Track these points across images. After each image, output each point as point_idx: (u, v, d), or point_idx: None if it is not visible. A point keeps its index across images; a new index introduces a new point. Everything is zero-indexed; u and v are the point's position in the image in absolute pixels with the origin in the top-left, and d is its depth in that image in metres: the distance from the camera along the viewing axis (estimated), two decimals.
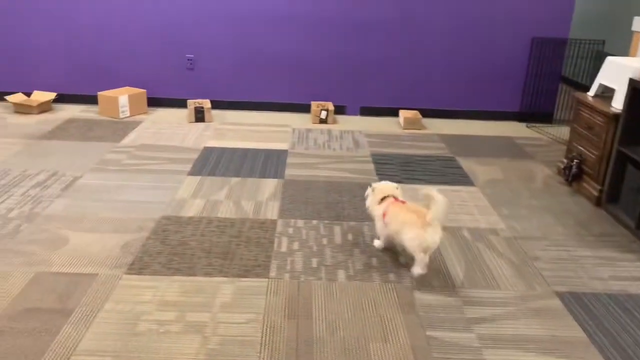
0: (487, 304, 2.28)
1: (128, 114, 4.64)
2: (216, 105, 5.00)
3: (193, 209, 2.98)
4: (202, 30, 4.78)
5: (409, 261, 2.48)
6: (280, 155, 3.90)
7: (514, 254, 2.69)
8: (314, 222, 2.91)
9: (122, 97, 4.55)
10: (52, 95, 4.73)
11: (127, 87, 4.86)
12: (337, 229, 2.84)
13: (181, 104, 4.98)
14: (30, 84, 4.87)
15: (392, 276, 2.44)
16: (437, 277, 2.46)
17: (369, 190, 2.70)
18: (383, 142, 4.29)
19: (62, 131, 4.18)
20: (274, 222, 2.89)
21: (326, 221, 2.93)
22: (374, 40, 4.83)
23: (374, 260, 2.56)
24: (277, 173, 3.56)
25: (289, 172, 3.59)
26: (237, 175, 3.49)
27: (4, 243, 2.54)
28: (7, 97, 4.64)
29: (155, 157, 3.73)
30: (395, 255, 2.61)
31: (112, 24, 4.73)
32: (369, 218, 2.96)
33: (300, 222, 2.89)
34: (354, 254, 2.61)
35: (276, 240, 2.70)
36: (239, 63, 4.89)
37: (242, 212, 2.99)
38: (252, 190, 3.28)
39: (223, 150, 3.94)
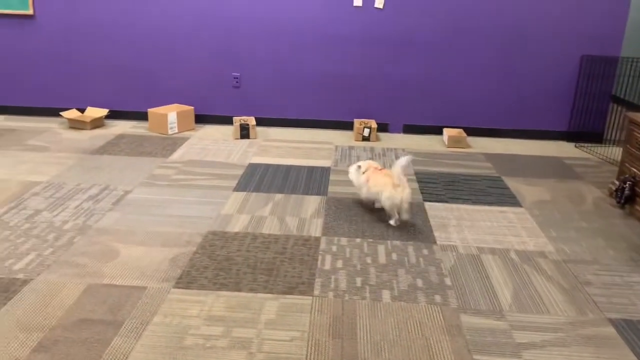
0: (537, 329, 2.22)
1: (176, 130, 4.77)
2: (260, 122, 5.08)
3: (239, 225, 3.03)
4: (248, 49, 4.88)
5: (391, 214, 3.12)
6: (323, 172, 3.93)
7: (563, 278, 2.61)
8: (358, 240, 2.91)
9: (171, 114, 4.69)
10: (104, 112, 4.91)
11: (176, 104, 5.01)
12: (381, 248, 2.83)
13: (227, 120, 5.09)
14: (84, 101, 5.08)
15: (438, 298, 2.41)
16: (484, 299, 2.41)
17: (353, 167, 3.34)
18: (427, 161, 4.26)
19: (113, 146, 4.33)
20: (317, 239, 2.90)
21: (370, 240, 2.92)
22: (418, 57, 4.82)
23: (419, 281, 2.53)
24: (320, 190, 3.58)
25: (332, 189, 3.61)
26: (281, 192, 3.53)
27: (59, 254, 2.63)
28: (62, 113, 4.85)
29: (202, 173, 3.82)
30: (439, 277, 2.58)
31: (161, 44, 4.90)
32: (413, 238, 2.95)
33: (343, 240, 2.90)
34: (399, 274, 2.59)
35: (320, 257, 2.71)
36: (283, 81, 4.97)
37: (286, 228, 3.01)
38: (296, 206, 3.31)
39: (267, 166, 4.00)
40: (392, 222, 3.13)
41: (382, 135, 4.95)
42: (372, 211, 3.27)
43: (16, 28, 4.89)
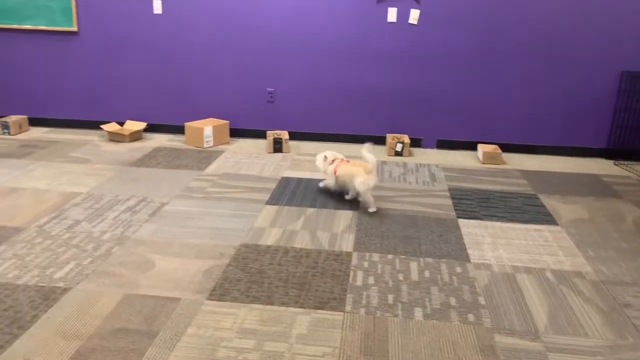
0: (573, 352, 2.16)
1: (212, 144, 4.86)
2: (293, 136, 5.13)
3: (271, 238, 3.06)
4: (282, 64, 4.96)
5: (353, 197, 3.67)
6: None
7: (602, 300, 2.54)
8: (390, 256, 2.90)
9: (207, 128, 4.78)
10: (142, 125, 5.05)
11: (212, 119, 5.11)
12: (413, 265, 2.81)
13: (261, 135, 5.16)
14: (124, 114, 5.23)
15: (471, 317, 2.37)
16: (519, 320, 2.36)
17: (320, 157, 3.78)
18: (461, 177, 4.22)
19: (151, 159, 4.43)
20: (349, 254, 2.90)
21: (402, 256, 2.90)
22: (452, 72, 4.81)
23: (453, 300, 2.50)
24: (352, 205, 3.59)
25: (364, 204, 3.60)
26: (312, 206, 3.55)
27: (97, 264, 2.71)
28: (103, 126, 5.00)
29: (236, 186, 3.87)
30: (458, 295, 2.55)
31: (198, 60, 5.02)
32: (447, 255, 2.92)
33: (375, 256, 2.89)
34: (432, 291, 2.57)
35: (351, 273, 2.71)
36: (316, 96, 5.02)
37: (318, 243, 3.02)
38: (328, 221, 3.32)
39: (299, 180, 4.03)
40: (372, 209, 3.55)
41: (415, 150, 4.94)
42: (404, 228, 3.26)
43: (61, 44, 5.09)
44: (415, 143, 5.02)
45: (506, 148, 4.91)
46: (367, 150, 3.44)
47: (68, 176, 3.96)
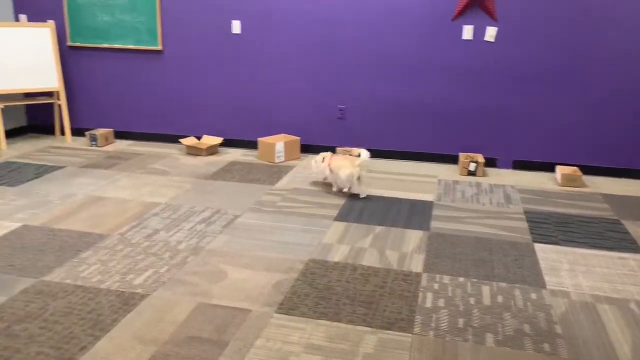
0: None
1: (283, 159, 4.96)
2: None
3: (339, 255, 3.07)
4: (354, 81, 5.00)
5: (340, 190, 4.12)
6: (426, 206, 3.87)
7: None
8: (461, 279, 2.82)
9: (279, 144, 4.89)
10: (219, 140, 5.24)
11: (284, 135, 5.22)
12: (485, 289, 2.73)
13: (330, 151, 5.20)
14: (201, 129, 5.45)
15: (546, 346, 2.26)
16: (599, 352, 2.23)
17: (313, 161, 4.25)
18: (538, 199, 4.06)
19: (225, 172, 4.59)
20: (418, 275, 2.86)
21: (474, 279, 2.82)
22: (530, 90, 4.66)
23: (527, 327, 2.40)
24: (422, 225, 3.54)
25: (435, 224, 3.54)
26: (381, 224, 3.53)
27: (173, 273, 2.82)
28: (181, 140, 5.23)
29: (305, 201, 3.92)
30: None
31: (271, 78, 5.15)
32: (521, 280, 2.81)
33: (446, 278, 2.83)
34: (504, 317, 2.48)
35: (420, 294, 2.66)
36: (387, 113, 5.01)
37: (386, 262, 3.00)
38: (397, 240, 3.29)
39: (368, 197, 4.02)
40: (362, 195, 4.03)
41: (489, 170, 4.80)
42: (477, 250, 3.17)
43: (146, 62, 5.40)
44: (490, 163, 4.88)
45: (586, 170, 4.68)
46: (363, 151, 3.99)
47: (148, 187, 4.17)
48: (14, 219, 3.47)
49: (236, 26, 5.10)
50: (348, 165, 3.94)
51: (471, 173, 4.61)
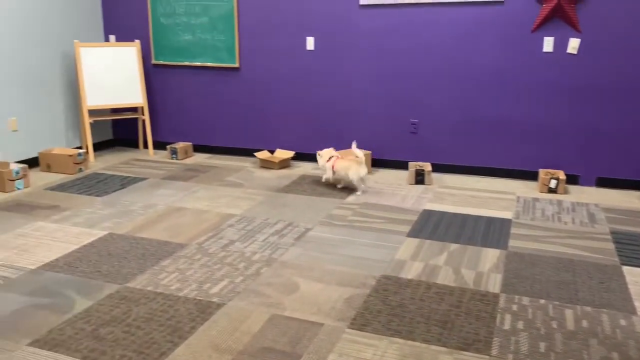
0: None
1: None
2: (436, 168, 5.05)
3: (412, 272, 3.01)
4: (427, 95, 4.93)
5: (347, 186, 4.51)
6: (503, 224, 3.74)
7: None
8: (542, 301, 2.69)
9: None
10: (291, 154, 5.32)
11: None
12: (569, 313, 2.58)
13: (402, 165, 5.16)
14: (274, 143, 5.57)
15: None
16: None
17: (318, 156, 4.60)
18: (626, 219, 3.82)
19: (297, 186, 4.65)
20: (496, 296, 2.75)
21: (556, 302, 2.68)
22: (616, 105, 4.41)
23: (615, 355, 2.25)
24: (500, 243, 3.41)
25: (513, 243, 3.41)
26: (456, 241, 3.44)
27: (248, 283, 2.88)
28: (256, 154, 5.37)
29: (377, 216, 3.90)
30: None
31: (343, 92, 5.19)
32: (608, 305, 2.64)
33: (525, 300, 2.70)
34: (590, 344, 2.33)
35: (499, 316, 2.56)
36: (461, 127, 4.90)
37: (462, 280, 2.91)
38: (473, 258, 3.19)
39: (442, 214, 3.94)
40: (358, 193, 4.38)
41: (571, 187, 4.58)
42: (559, 271, 3.02)
43: (224, 78, 5.60)
44: (572, 180, 4.65)
45: None
46: (355, 147, 4.30)
47: (225, 199, 4.29)
48: (101, 227, 3.68)
49: (310, 43, 5.20)
50: (355, 166, 4.27)
51: (552, 190, 4.41)
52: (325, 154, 4.57)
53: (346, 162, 4.36)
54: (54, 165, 5.06)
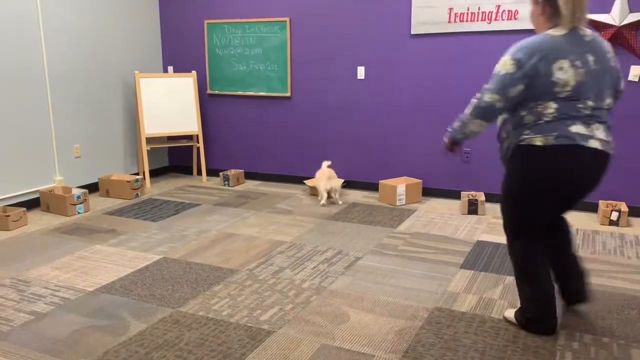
0: None
1: (404, 202, 4.92)
2: (490, 198, 4.93)
3: (466, 304, 2.93)
4: None
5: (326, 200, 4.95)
6: None
7: None
8: (605, 339, 2.55)
9: (400, 186, 4.86)
10: (340, 181, 5.33)
11: (405, 177, 5.19)
12: (635, 353, 2.43)
13: (453, 195, 5.07)
14: None
15: None
16: None
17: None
18: None
19: (346, 213, 4.64)
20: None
21: (621, 341, 2.53)
22: None
23: None
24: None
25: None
26: (511, 274, 3.32)
27: (297, 311, 2.87)
28: (306, 181, 5.40)
29: (428, 246, 3.83)
30: None
31: (394, 120, 5.18)
32: None
33: (587, 337, 2.57)
34: None
35: (558, 353, 2.44)
36: None
37: None
38: None
39: (497, 245, 3.82)
40: (320, 202, 4.89)
41: (634, 220, 4.36)
42: (623, 308, 2.86)
43: (276, 107, 5.72)
44: (634, 212, 4.43)
45: None
46: (326, 165, 4.91)
47: (274, 225, 4.33)
48: (155, 251, 3.77)
49: (361, 72, 5.24)
50: (324, 179, 4.85)
51: (613, 223, 4.21)
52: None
53: (318, 176, 4.92)
54: (112, 191, 5.26)
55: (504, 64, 2.41)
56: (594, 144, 2.34)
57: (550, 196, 2.42)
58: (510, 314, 2.73)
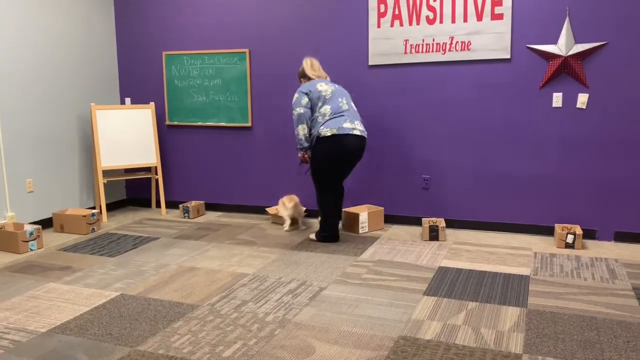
0: None
1: (367, 230, 4.93)
2: (450, 224, 5.00)
3: (430, 332, 2.93)
4: (438, 151, 4.96)
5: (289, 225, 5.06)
6: (522, 281, 3.65)
7: None
8: None
9: (363, 214, 4.88)
10: (303, 208, 5.31)
11: (367, 205, 5.21)
12: None
13: (414, 221, 5.12)
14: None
15: None
16: None
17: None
18: None
19: (310, 243, 4.61)
20: (518, 356, 2.65)
21: None
22: (630, 158, 4.39)
23: None
24: (519, 301, 3.32)
25: (533, 300, 3.32)
26: (474, 300, 3.35)
27: (261, 345, 2.80)
28: (267, 209, 5.36)
29: (392, 274, 3.83)
30: None
31: None
32: None
33: None
34: None
35: None
36: (475, 182, 4.89)
37: (482, 341, 2.82)
38: (492, 317, 3.10)
39: (459, 271, 3.86)
40: (285, 227, 5.04)
41: (588, 242, 4.50)
42: (582, 330, 2.91)
43: (236, 138, 5.69)
44: (589, 234, 4.58)
45: None
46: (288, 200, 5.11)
47: (236, 257, 4.26)
48: (113, 288, 3.64)
49: None
50: (285, 204, 4.99)
51: (569, 245, 4.33)
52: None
53: (281, 202, 5.04)
54: (67, 226, 5.08)
55: (297, 94, 4.46)
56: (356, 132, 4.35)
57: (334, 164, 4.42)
58: (313, 236, 4.67)
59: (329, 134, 4.28)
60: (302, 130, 4.37)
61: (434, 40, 4.82)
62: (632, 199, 4.44)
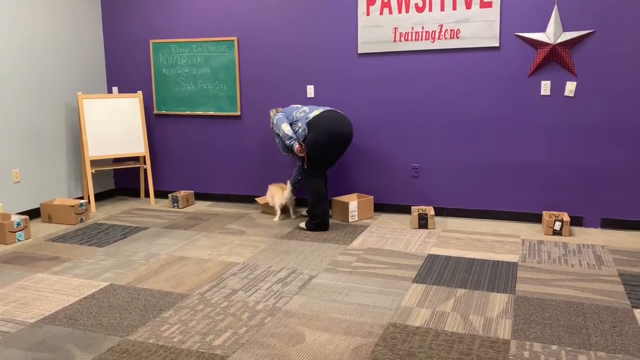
0: None
1: (357, 218, 4.94)
2: (439, 212, 5.03)
3: (419, 319, 2.95)
4: (427, 139, 4.97)
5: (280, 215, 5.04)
6: (510, 267, 3.69)
7: None
8: (554, 347, 2.62)
9: (352, 203, 4.89)
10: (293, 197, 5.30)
11: (357, 194, 5.22)
12: (582, 359, 2.51)
13: (404, 210, 5.14)
14: None
15: None
16: None
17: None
18: (633, 260, 3.77)
19: (300, 232, 4.61)
20: (506, 342, 2.68)
21: (569, 348, 2.61)
22: (618, 146, 4.43)
23: None
24: (507, 287, 3.36)
25: (521, 287, 3.35)
26: (463, 287, 3.38)
27: (252, 334, 2.81)
28: (257, 199, 5.35)
29: (381, 262, 3.85)
30: None
31: None
32: (622, 349, 2.57)
33: (537, 346, 2.63)
34: None
35: None
36: (463, 170, 4.91)
37: (471, 327, 2.85)
38: (480, 304, 3.13)
39: (448, 258, 3.89)
40: (275, 218, 5.03)
41: (575, 229, 4.55)
42: (569, 315, 2.95)
43: (225, 127, 5.66)
44: (576, 221, 4.63)
45: None
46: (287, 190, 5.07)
47: (226, 247, 4.25)
48: (102, 278, 3.63)
49: (310, 90, 5.28)
50: (279, 192, 4.96)
51: (556, 232, 4.38)
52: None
53: (273, 189, 5.01)
54: (55, 216, 5.04)
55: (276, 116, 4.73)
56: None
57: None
58: (303, 225, 4.69)
59: (317, 113, 4.52)
60: (285, 127, 4.54)
61: (423, 28, 4.81)
62: (618, 186, 4.48)
